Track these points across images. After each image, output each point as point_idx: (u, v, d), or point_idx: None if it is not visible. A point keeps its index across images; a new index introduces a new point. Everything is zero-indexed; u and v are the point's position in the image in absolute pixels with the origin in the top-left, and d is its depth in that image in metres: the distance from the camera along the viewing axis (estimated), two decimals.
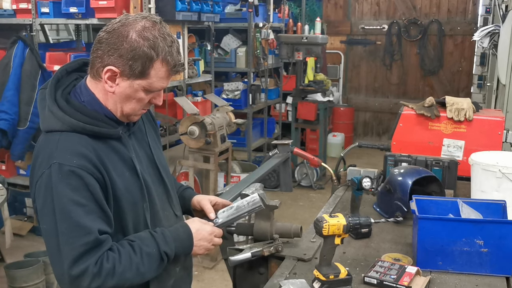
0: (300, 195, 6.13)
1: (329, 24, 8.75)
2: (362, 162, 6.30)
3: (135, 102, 1.51)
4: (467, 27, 8.09)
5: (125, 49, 1.43)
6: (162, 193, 1.68)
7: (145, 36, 1.44)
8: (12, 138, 4.39)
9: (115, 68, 1.45)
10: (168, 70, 1.49)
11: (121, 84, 1.48)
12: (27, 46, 4.41)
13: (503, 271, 1.79)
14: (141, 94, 1.50)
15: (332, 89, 7.33)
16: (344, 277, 1.67)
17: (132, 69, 1.45)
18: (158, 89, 1.52)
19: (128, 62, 1.44)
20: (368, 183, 2.23)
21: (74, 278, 1.37)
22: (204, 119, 4.19)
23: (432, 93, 7.67)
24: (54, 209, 1.39)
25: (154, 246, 1.50)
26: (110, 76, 1.47)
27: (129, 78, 1.46)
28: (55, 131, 1.46)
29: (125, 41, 1.43)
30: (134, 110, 1.54)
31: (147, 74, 1.46)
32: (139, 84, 1.47)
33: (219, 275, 4.21)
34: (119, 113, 1.53)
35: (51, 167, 1.40)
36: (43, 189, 1.41)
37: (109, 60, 1.45)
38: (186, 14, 4.53)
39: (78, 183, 1.40)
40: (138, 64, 1.44)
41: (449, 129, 2.83)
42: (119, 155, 1.53)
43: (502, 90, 4.03)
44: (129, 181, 1.53)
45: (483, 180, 2.20)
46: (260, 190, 1.99)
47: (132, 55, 1.43)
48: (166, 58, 1.46)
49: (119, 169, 1.51)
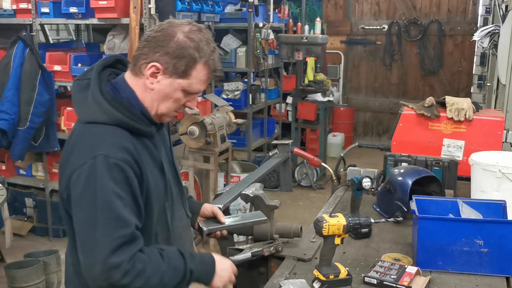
0: (300, 195, 6.13)
1: (329, 24, 8.75)
2: (362, 162, 6.29)
3: (171, 102, 1.56)
4: (467, 27, 8.09)
5: (171, 48, 1.49)
6: (178, 193, 1.72)
7: (191, 37, 1.50)
8: (12, 138, 4.39)
9: (159, 64, 1.50)
10: (207, 74, 1.54)
11: (162, 81, 1.52)
12: (27, 46, 4.40)
13: (503, 271, 1.79)
14: (178, 94, 1.54)
15: (332, 89, 7.32)
16: (344, 277, 1.67)
17: (175, 68, 1.50)
18: (195, 91, 1.56)
19: (172, 60, 1.49)
20: (368, 183, 2.23)
21: (108, 268, 1.38)
22: (204, 119, 4.19)
23: (432, 93, 7.67)
24: (96, 199, 1.40)
25: (181, 261, 1.53)
26: (153, 73, 1.51)
27: (171, 76, 1.51)
28: (99, 123, 1.49)
29: (172, 40, 1.49)
30: (169, 110, 1.58)
31: (189, 74, 1.51)
32: (179, 83, 1.52)
33: None
34: (154, 112, 1.57)
35: (96, 158, 1.42)
36: (83, 178, 1.42)
37: (154, 57, 1.50)
38: (186, 14, 4.53)
39: (121, 176, 1.43)
40: (182, 63, 1.49)
41: (449, 129, 2.83)
42: (150, 153, 1.56)
43: (502, 90, 4.03)
44: (157, 179, 1.57)
45: (483, 180, 2.20)
46: (260, 190, 2.00)
47: (177, 54, 1.49)
48: (208, 61, 1.52)
49: (150, 167, 1.55)
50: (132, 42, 4.10)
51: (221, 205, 1.96)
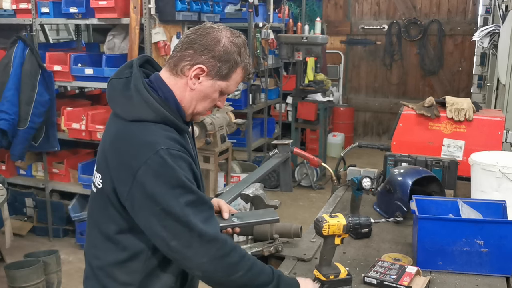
0: (300, 195, 6.13)
1: (329, 24, 8.75)
2: (362, 162, 6.30)
3: (209, 102, 1.62)
4: (467, 27, 8.09)
5: (218, 52, 1.55)
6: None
7: (235, 42, 1.58)
8: (12, 138, 4.39)
9: (205, 67, 1.56)
10: (243, 77, 1.64)
11: (204, 82, 1.58)
12: (27, 46, 4.40)
13: (503, 271, 1.79)
14: (216, 95, 1.61)
15: (332, 89, 7.32)
16: (344, 277, 1.67)
17: (219, 71, 1.57)
18: (230, 92, 1.64)
19: (218, 63, 1.56)
20: (368, 183, 2.23)
21: (207, 240, 1.44)
22: (204, 119, 4.19)
23: (432, 93, 7.67)
24: (174, 187, 1.45)
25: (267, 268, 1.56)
26: (197, 74, 1.57)
27: (213, 78, 1.57)
28: (147, 121, 1.52)
29: (219, 45, 1.56)
30: (204, 109, 1.64)
31: (229, 77, 1.59)
32: (220, 85, 1.59)
33: None
34: (190, 110, 1.62)
35: (159, 152, 1.45)
36: (152, 172, 1.44)
37: (200, 59, 1.56)
38: (186, 14, 4.53)
39: (185, 165, 1.50)
40: (226, 67, 1.57)
41: (449, 129, 2.83)
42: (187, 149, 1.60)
43: (502, 90, 4.03)
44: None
45: (483, 180, 2.20)
46: (260, 190, 2.00)
47: (224, 58, 1.56)
48: (246, 66, 1.61)
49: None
50: (132, 42, 4.10)
51: None
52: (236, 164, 5.36)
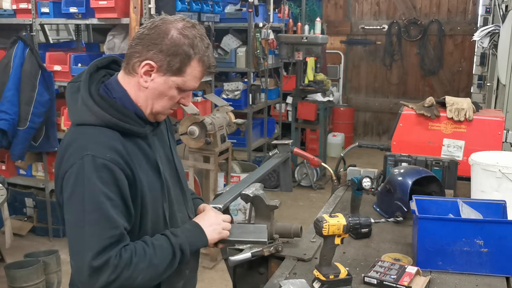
0: (300, 195, 6.13)
1: (329, 24, 8.75)
2: (362, 162, 6.30)
3: (166, 100, 1.54)
4: (467, 27, 8.09)
5: (166, 45, 1.46)
6: (179, 194, 1.69)
7: (186, 34, 1.48)
8: (12, 138, 4.39)
9: (153, 62, 1.48)
10: (202, 71, 1.53)
11: (156, 79, 1.50)
12: (27, 46, 4.40)
13: (503, 271, 1.79)
14: (173, 92, 1.52)
15: (332, 89, 7.32)
16: (344, 277, 1.67)
17: (170, 65, 1.48)
18: (190, 88, 1.55)
19: (167, 58, 1.47)
20: (368, 183, 2.23)
21: (95, 269, 1.36)
22: (204, 119, 4.19)
23: (432, 93, 7.67)
24: (84, 200, 1.39)
25: (165, 240, 1.51)
26: (147, 71, 1.49)
27: (165, 74, 1.49)
28: (88, 124, 1.47)
29: (166, 38, 1.46)
30: (164, 108, 1.56)
31: (183, 71, 1.49)
32: (174, 81, 1.50)
33: (219, 275, 4.21)
34: (148, 110, 1.55)
35: (84, 158, 1.40)
36: (72, 179, 1.41)
37: (148, 55, 1.48)
38: (186, 14, 4.53)
39: (109, 177, 1.41)
40: (177, 61, 1.47)
41: (449, 129, 2.83)
42: (144, 154, 1.54)
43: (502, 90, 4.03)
44: (152, 180, 1.54)
45: (483, 180, 2.19)
46: (260, 190, 1.99)
47: (172, 51, 1.46)
48: (203, 58, 1.50)
49: (144, 168, 1.53)
50: None
51: (221, 205, 1.95)
52: (236, 164, 5.36)
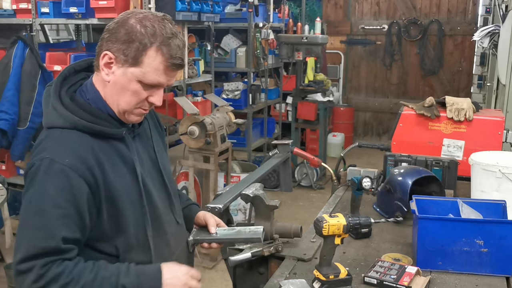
0: (300, 195, 6.13)
1: (329, 24, 8.75)
2: (362, 162, 6.30)
3: (129, 95, 1.46)
4: (467, 27, 8.09)
5: (120, 33, 1.42)
6: (164, 198, 1.63)
7: (144, 23, 1.41)
8: (12, 138, 4.39)
9: (111, 53, 1.43)
10: (163, 62, 1.42)
11: (116, 72, 1.44)
12: (27, 46, 4.40)
13: (503, 271, 1.79)
14: (135, 86, 1.44)
15: (332, 89, 7.32)
16: (344, 277, 1.67)
17: (125, 55, 1.41)
18: (152, 82, 1.44)
19: (122, 46, 1.41)
20: (368, 183, 2.23)
21: (19, 272, 1.35)
22: (204, 119, 4.19)
23: (432, 93, 7.67)
24: (31, 202, 1.36)
25: (114, 274, 1.40)
26: (107, 63, 1.44)
27: (123, 65, 1.43)
28: (57, 127, 1.44)
29: (124, 27, 1.42)
30: (129, 105, 1.47)
31: (140, 61, 1.41)
32: (133, 73, 1.43)
33: (219, 275, 4.21)
34: (116, 109, 1.49)
35: (42, 161, 1.37)
36: (28, 180, 1.40)
37: (107, 46, 1.44)
38: (186, 14, 4.53)
39: (64, 184, 1.36)
40: (131, 49, 1.41)
41: (449, 129, 2.83)
42: (120, 156, 1.49)
43: (502, 90, 4.03)
44: (129, 183, 1.49)
45: (483, 180, 2.20)
46: (260, 190, 1.99)
47: (125, 39, 1.41)
48: (161, 47, 1.41)
49: (120, 170, 1.47)
50: None
51: (221, 205, 1.95)
52: (236, 164, 5.36)
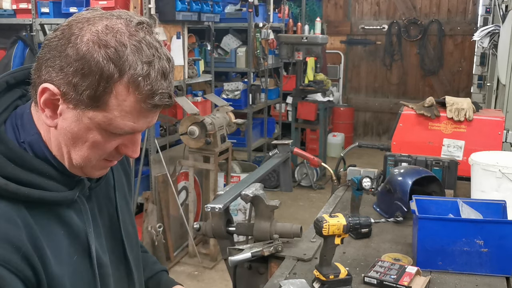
0: (300, 195, 6.13)
1: (329, 24, 8.75)
2: (362, 162, 6.30)
3: (87, 148, 0.98)
4: (467, 27, 8.09)
5: (69, 57, 0.91)
6: (123, 276, 1.19)
7: (105, 40, 0.91)
8: None
9: (54, 87, 0.93)
10: (139, 102, 0.94)
11: (66, 114, 0.95)
12: (27, 46, 4.41)
13: (503, 271, 1.79)
14: (96, 136, 0.97)
15: (332, 89, 7.33)
16: (344, 277, 1.67)
17: (78, 92, 0.92)
18: (124, 130, 0.97)
19: (72, 78, 0.92)
20: (368, 183, 2.22)
21: None
22: (204, 119, 4.19)
23: (432, 93, 7.67)
24: None
25: None
26: (48, 100, 0.95)
27: (76, 107, 0.94)
28: None
29: (72, 47, 0.91)
30: (87, 160, 1.00)
31: (104, 102, 0.93)
32: (92, 118, 0.94)
33: (219, 275, 4.21)
34: (66, 161, 1.01)
35: None
36: None
37: (47, 74, 0.94)
38: (186, 14, 4.53)
39: None
40: (88, 85, 0.91)
41: (449, 129, 2.83)
42: (67, 230, 1.03)
43: (502, 90, 4.03)
44: (78, 268, 1.04)
45: (483, 180, 2.19)
46: (260, 190, 1.99)
47: (77, 68, 0.91)
48: (136, 79, 0.92)
49: (65, 251, 1.02)
50: None
51: (221, 205, 1.95)
52: (236, 164, 5.36)
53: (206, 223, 2.06)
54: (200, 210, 4.70)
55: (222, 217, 2.02)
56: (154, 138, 4.29)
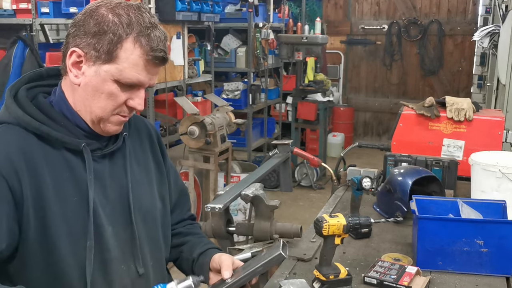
0: (300, 195, 6.13)
1: (329, 24, 8.75)
2: (362, 162, 6.29)
3: (104, 98, 1.25)
4: (467, 27, 8.09)
5: (89, 25, 1.22)
6: (127, 240, 1.34)
7: (117, 12, 1.22)
8: None
9: (79, 49, 1.24)
10: (143, 55, 1.23)
11: (87, 72, 1.24)
12: (27, 46, 4.40)
13: (503, 271, 1.79)
14: (110, 87, 1.24)
15: (332, 89, 7.33)
16: (344, 277, 1.67)
17: (96, 50, 1.21)
18: (132, 80, 1.24)
19: (92, 40, 1.21)
20: (368, 183, 2.23)
21: None
22: (204, 119, 4.19)
23: (432, 93, 7.67)
24: None
25: None
26: (75, 62, 1.25)
27: (95, 63, 1.23)
28: (2, 122, 1.25)
29: (92, 17, 1.22)
30: (104, 111, 1.26)
31: (116, 56, 1.22)
32: (107, 70, 1.22)
33: None
34: (89, 117, 1.28)
35: None
36: None
37: (75, 41, 1.24)
38: (186, 14, 4.53)
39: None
40: (104, 43, 1.21)
41: (449, 129, 2.83)
42: (72, 173, 1.26)
43: (502, 90, 4.03)
44: (74, 208, 1.24)
45: (483, 180, 2.19)
46: (260, 190, 1.99)
47: (96, 31, 1.21)
48: (139, 38, 1.22)
49: (65, 190, 1.24)
50: None
51: (221, 205, 1.95)
52: (236, 164, 5.36)
53: (206, 223, 2.06)
54: (200, 210, 4.70)
55: (222, 217, 2.02)
56: None
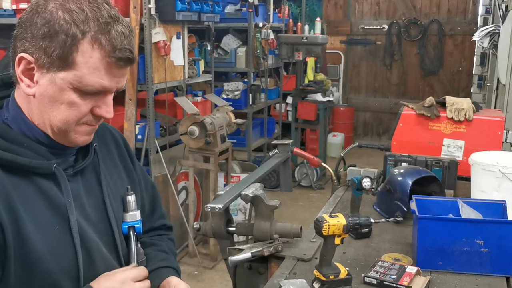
0: (300, 195, 6.13)
1: (329, 24, 8.76)
2: (362, 162, 6.29)
3: (64, 109, 1.07)
4: (467, 27, 8.10)
5: (37, 25, 1.03)
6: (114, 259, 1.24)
7: (68, 7, 1.03)
8: None
9: (28, 55, 1.05)
10: (104, 57, 1.05)
11: (41, 80, 1.06)
12: None
13: (503, 271, 1.79)
14: (70, 96, 1.06)
15: (332, 89, 7.32)
16: (344, 277, 1.67)
17: (48, 55, 1.03)
18: (94, 87, 1.06)
19: (42, 43, 1.03)
20: (368, 183, 2.23)
21: None
22: (204, 119, 4.19)
23: (432, 93, 7.68)
24: None
25: None
26: (25, 70, 1.07)
27: (49, 70, 1.05)
28: None
29: (39, 15, 1.03)
30: (66, 123, 1.08)
31: (72, 61, 1.03)
32: (64, 78, 1.04)
33: (219, 275, 4.21)
34: (49, 129, 1.10)
35: None
36: None
37: (22, 46, 1.06)
38: (186, 14, 4.53)
39: None
40: (56, 45, 1.02)
41: (449, 129, 2.83)
42: (47, 200, 1.09)
43: (502, 90, 4.03)
44: (59, 238, 1.09)
45: (483, 180, 2.19)
46: (260, 190, 1.99)
47: (45, 32, 1.02)
48: (98, 37, 1.03)
49: (45, 220, 1.08)
50: None
51: (221, 205, 1.95)
52: (236, 164, 5.36)
53: (206, 223, 2.06)
54: (200, 210, 4.70)
55: (222, 217, 2.02)
56: (154, 138, 4.29)
